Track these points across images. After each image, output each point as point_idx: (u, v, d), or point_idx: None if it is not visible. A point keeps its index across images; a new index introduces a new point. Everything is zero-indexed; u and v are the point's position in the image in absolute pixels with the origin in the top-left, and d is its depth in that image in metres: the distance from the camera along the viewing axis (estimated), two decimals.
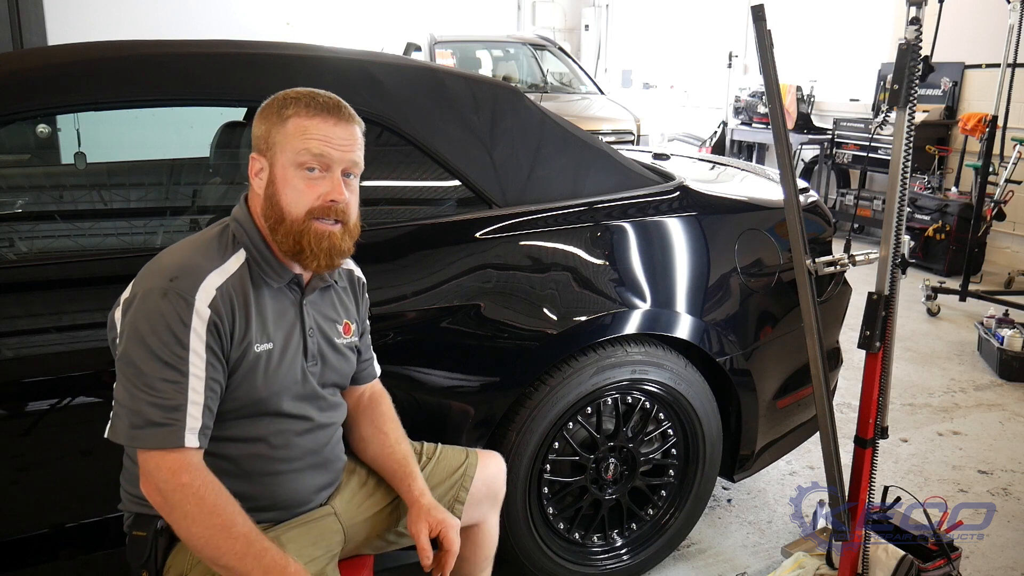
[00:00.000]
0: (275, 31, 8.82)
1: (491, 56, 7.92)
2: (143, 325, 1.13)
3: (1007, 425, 3.16)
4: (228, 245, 1.24)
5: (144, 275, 1.19)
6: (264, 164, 1.23)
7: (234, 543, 1.12)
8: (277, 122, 1.22)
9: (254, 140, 1.24)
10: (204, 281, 1.17)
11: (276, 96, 1.25)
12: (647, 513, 2.08)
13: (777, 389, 2.16)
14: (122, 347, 1.14)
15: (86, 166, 2.03)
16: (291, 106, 1.22)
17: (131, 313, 1.15)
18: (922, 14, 1.54)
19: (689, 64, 9.41)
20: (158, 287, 1.14)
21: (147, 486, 1.15)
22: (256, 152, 1.24)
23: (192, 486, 1.12)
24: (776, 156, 1.73)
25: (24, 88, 1.49)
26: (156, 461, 1.12)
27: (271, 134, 1.22)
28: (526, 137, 1.88)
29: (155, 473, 1.12)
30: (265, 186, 1.23)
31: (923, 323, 4.43)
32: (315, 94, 1.24)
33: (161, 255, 1.22)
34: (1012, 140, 4.78)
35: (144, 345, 1.12)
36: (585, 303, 1.81)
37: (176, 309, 1.13)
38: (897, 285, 1.64)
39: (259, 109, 1.25)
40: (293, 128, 1.21)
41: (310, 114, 1.21)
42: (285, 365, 1.27)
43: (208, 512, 1.12)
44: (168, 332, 1.13)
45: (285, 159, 1.21)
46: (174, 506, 1.12)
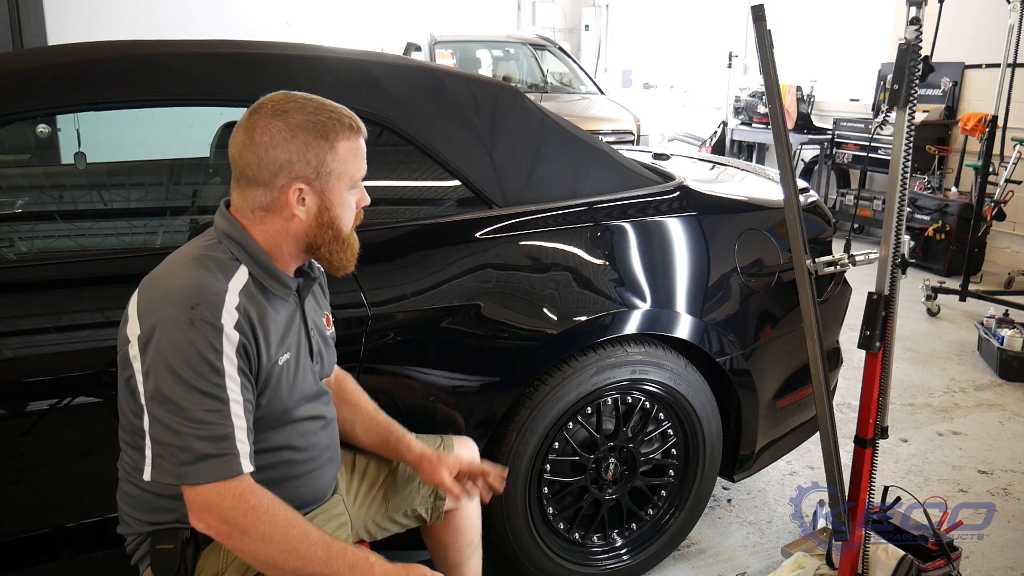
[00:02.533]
0: (275, 31, 8.81)
1: (491, 56, 7.92)
2: (173, 359, 1.07)
3: (1007, 425, 3.16)
4: (227, 262, 1.19)
5: (154, 304, 1.12)
6: (311, 191, 1.19)
7: (316, 549, 1.12)
8: (326, 147, 1.18)
9: (286, 167, 1.16)
10: (225, 303, 1.13)
11: (302, 119, 1.17)
12: (647, 513, 2.08)
13: (777, 389, 2.16)
14: (152, 385, 1.08)
15: (86, 166, 2.03)
16: (331, 128, 1.18)
17: (154, 347, 1.08)
18: (922, 14, 1.54)
19: (689, 64, 9.40)
20: (182, 317, 1.09)
21: (208, 517, 1.10)
22: (299, 180, 1.17)
23: (262, 506, 1.11)
24: (776, 156, 1.73)
25: (24, 88, 1.49)
26: (217, 491, 1.09)
27: (324, 160, 1.18)
28: (526, 137, 1.88)
29: (218, 504, 1.09)
30: (317, 213, 1.20)
31: (923, 323, 4.43)
32: (340, 111, 1.21)
33: (160, 279, 1.16)
34: (1012, 140, 4.78)
35: (179, 379, 1.07)
36: (585, 303, 1.81)
37: (206, 336, 1.09)
38: (897, 285, 1.64)
39: (279, 133, 1.16)
40: (345, 152, 1.20)
41: (351, 134, 1.21)
42: (302, 371, 1.29)
43: (284, 527, 1.11)
44: (202, 361, 1.08)
45: (342, 184, 1.21)
46: (247, 531, 1.10)
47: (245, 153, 1.17)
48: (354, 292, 1.61)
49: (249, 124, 1.18)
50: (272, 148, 1.16)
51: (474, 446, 1.63)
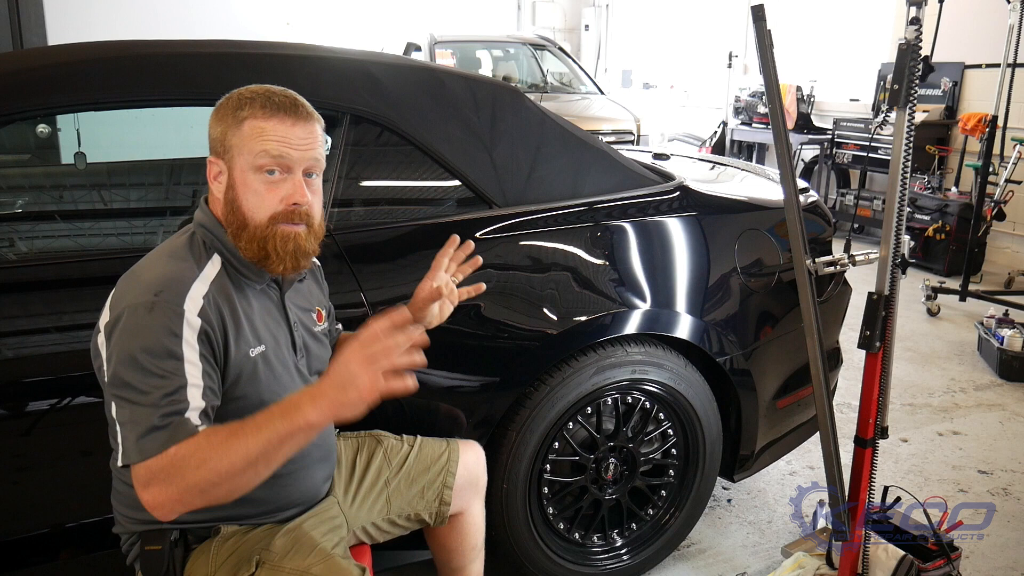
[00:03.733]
0: (275, 31, 8.81)
1: (491, 56, 7.92)
2: (131, 344, 1.07)
3: (1007, 425, 3.16)
4: (200, 252, 1.19)
5: (123, 293, 1.13)
6: (222, 167, 1.19)
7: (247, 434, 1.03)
8: (233, 124, 1.17)
9: (211, 142, 1.19)
10: (190, 291, 1.13)
11: (231, 96, 1.19)
12: (647, 513, 2.08)
13: (777, 389, 2.16)
14: (111, 370, 1.09)
15: (86, 166, 2.03)
16: (246, 106, 1.16)
17: (117, 334, 1.09)
18: (922, 14, 1.54)
19: (689, 64, 9.40)
20: (143, 302, 1.09)
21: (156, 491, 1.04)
22: (213, 155, 1.20)
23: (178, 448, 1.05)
24: (776, 156, 1.73)
25: (24, 88, 1.49)
26: (154, 463, 1.04)
27: (227, 136, 1.17)
28: (526, 137, 1.88)
29: (152, 472, 1.04)
30: (225, 191, 1.19)
31: (923, 323, 4.43)
32: (271, 92, 1.19)
33: (134, 271, 1.17)
34: (1012, 140, 4.78)
35: (136, 364, 1.07)
36: (585, 303, 1.81)
37: (165, 322, 1.09)
38: (897, 285, 1.64)
39: (214, 109, 1.20)
40: (249, 130, 1.16)
41: (266, 114, 1.16)
42: (281, 363, 1.27)
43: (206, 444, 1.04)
44: (160, 346, 1.07)
45: (243, 162, 1.17)
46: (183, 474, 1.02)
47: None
48: (354, 292, 1.61)
49: None
50: (212, 123, 1.20)
51: (480, 450, 1.62)
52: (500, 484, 1.79)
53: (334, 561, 1.26)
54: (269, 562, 1.24)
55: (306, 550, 1.27)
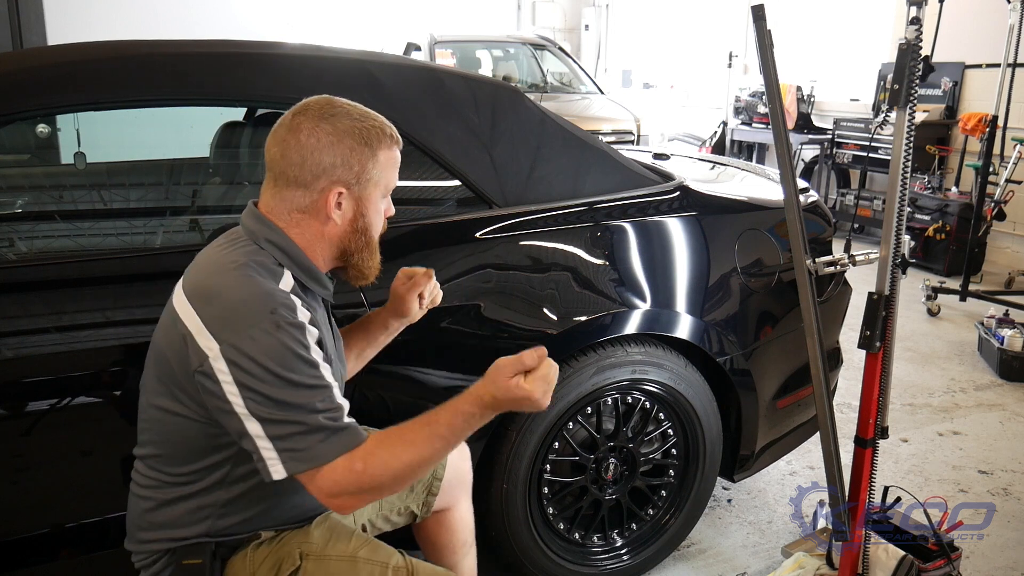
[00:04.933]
0: (275, 31, 8.81)
1: (491, 56, 7.92)
2: (273, 364, 1.07)
3: (1007, 425, 3.16)
4: (274, 268, 1.18)
5: (230, 318, 1.10)
6: (350, 196, 1.20)
7: (421, 440, 1.12)
8: (368, 155, 1.19)
9: (328, 172, 1.17)
10: (295, 303, 1.14)
11: (348, 125, 1.18)
12: (647, 513, 2.07)
13: (777, 389, 2.16)
14: (257, 395, 1.07)
15: (86, 166, 2.03)
16: (375, 136, 1.20)
17: (248, 359, 1.07)
18: (922, 14, 1.54)
19: (689, 64, 9.40)
20: (265, 324, 1.08)
21: (343, 502, 1.11)
22: (340, 184, 1.18)
23: (367, 461, 1.10)
24: (776, 156, 1.73)
25: (24, 88, 1.49)
26: (341, 473, 1.09)
27: (366, 167, 1.19)
28: (526, 137, 1.88)
29: (342, 482, 1.09)
30: (352, 218, 1.22)
31: (923, 323, 4.43)
32: (383, 121, 1.23)
33: (224, 292, 1.13)
34: (1012, 140, 4.78)
35: (285, 382, 1.08)
36: (585, 303, 1.81)
37: (295, 336, 1.10)
38: (897, 285, 1.64)
39: (323, 139, 1.17)
40: (385, 160, 1.22)
41: (391, 144, 1.23)
42: (337, 373, 1.29)
43: (389, 453, 1.11)
44: (299, 360, 1.10)
45: (378, 192, 1.23)
46: (374, 482, 1.10)
47: (289, 153, 1.17)
48: (354, 291, 1.61)
49: (294, 124, 1.18)
50: (318, 150, 1.17)
51: (465, 447, 1.63)
52: (500, 484, 1.79)
53: (375, 543, 1.31)
54: (314, 553, 1.25)
55: (345, 536, 1.30)
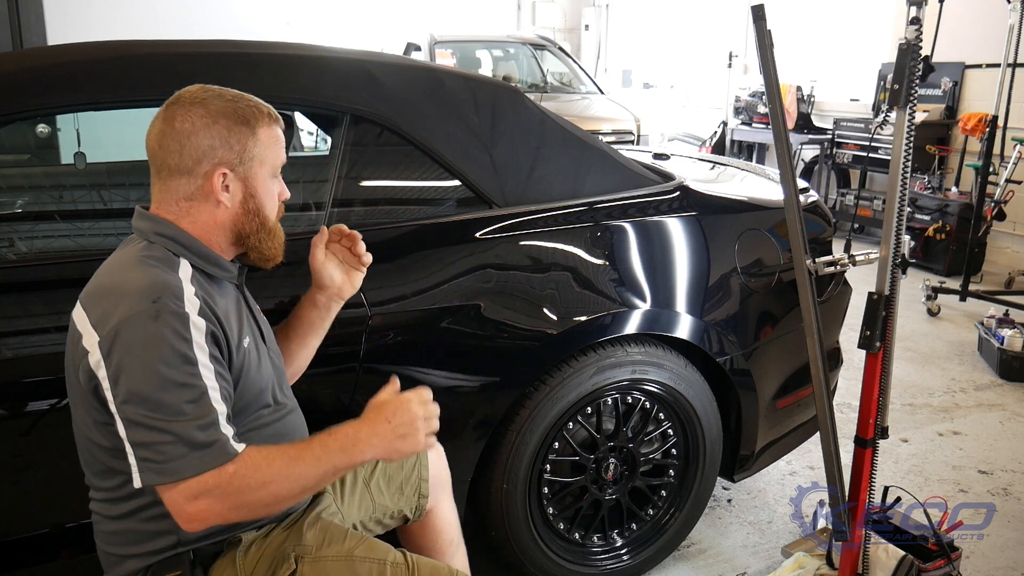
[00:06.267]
0: (275, 31, 8.81)
1: (491, 56, 7.92)
2: (145, 355, 1.03)
3: (1007, 425, 3.16)
4: (168, 257, 1.16)
5: (111, 309, 1.06)
6: (235, 177, 1.18)
7: (306, 460, 1.10)
8: (247, 132, 1.18)
9: (209, 153, 1.15)
10: (184, 293, 1.10)
11: (222, 106, 1.17)
12: (647, 513, 2.07)
13: (777, 389, 2.15)
14: (124, 388, 1.04)
15: (86, 166, 2.03)
16: (251, 115, 1.18)
17: (120, 349, 1.04)
18: (922, 14, 1.54)
19: (689, 64, 9.40)
20: (143, 311, 1.05)
21: (198, 507, 1.04)
22: (223, 166, 1.16)
23: (240, 465, 1.06)
24: (776, 156, 1.73)
25: (24, 88, 1.49)
26: (204, 479, 1.04)
27: (247, 146, 1.18)
28: (526, 137, 1.88)
29: (207, 490, 1.04)
30: (243, 199, 1.20)
31: (923, 323, 4.43)
32: (258, 102, 1.21)
33: (112, 286, 1.11)
34: (1012, 140, 4.78)
35: (154, 374, 1.03)
36: (585, 303, 1.81)
37: (174, 327, 1.06)
38: (897, 285, 1.64)
39: (196, 122, 1.15)
40: (266, 138, 1.20)
41: (270, 122, 1.21)
42: (262, 354, 1.28)
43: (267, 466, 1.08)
44: (174, 353, 1.05)
45: (265, 170, 1.21)
46: (242, 495, 1.06)
47: (165, 141, 1.15)
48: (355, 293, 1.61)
49: (167, 114, 1.16)
50: (194, 134, 1.15)
51: (440, 448, 1.62)
52: (500, 484, 1.80)
53: (371, 540, 1.29)
54: (309, 555, 1.23)
55: (339, 536, 1.28)
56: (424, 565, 1.27)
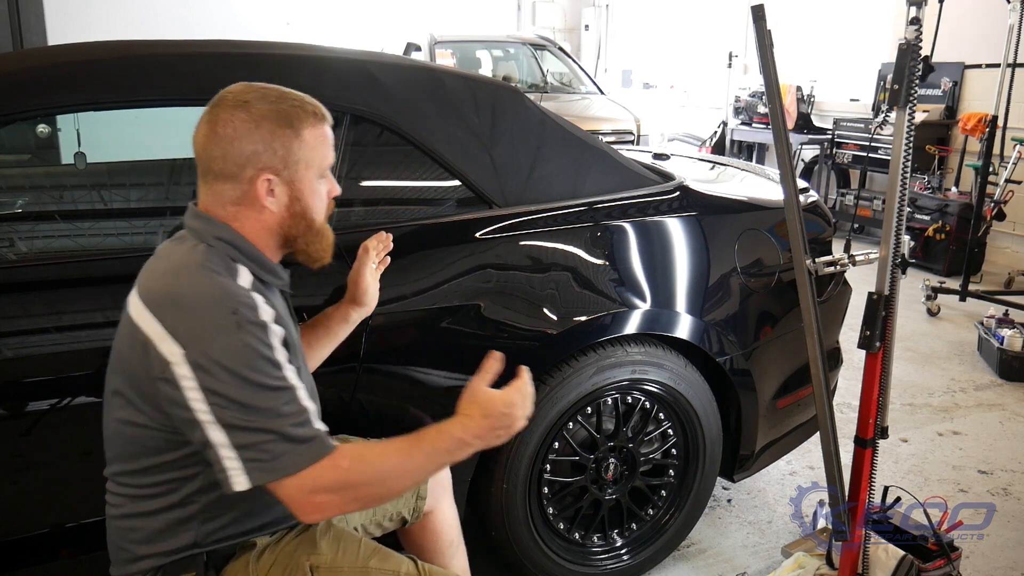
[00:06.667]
0: (275, 31, 8.81)
1: (491, 56, 7.92)
2: (235, 365, 1.04)
3: (1007, 425, 3.16)
4: (228, 264, 1.15)
5: (191, 321, 1.06)
6: (281, 181, 1.16)
7: (415, 457, 1.12)
8: (292, 135, 1.15)
9: (253, 158, 1.13)
10: (256, 301, 1.10)
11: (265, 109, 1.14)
12: (647, 513, 2.08)
13: (777, 389, 2.16)
14: (221, 398, 1.04)
15: (86, 166, 2.03)
16: (295, 116, 1.16)
17: (208, 362, 1.04)
18: (922, 14, 1.54)
19: (689, 64, 9.40)
20: (226, 324, 1.06)
21: (318, 499, 1.07)
22: (267, 171, 1.15)
23: (353, 461, 1.09)
24: (776, 156, 1.73)
25: (24, 88, 1.49)
26: (317, 472, 1.06)
27: (291, 149, 1.15)
28: (526, 137, 1.88)
29: (322, 482, 1.06)
30: (288, 203, 1.18)
31: (923, 323, 4.43)
32: (303, 99, 1.19)
33: (185, 295, 1.09)
34: (1012, 140, 4.78)
35: (247, 383, 1.04)
36: (585, 303, 1.81)
37: (256, 336, 1.07)
38: (897, 285, 1.64)
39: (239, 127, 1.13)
40: (312, 139, 1.17)
41: (316, 121, 1.18)
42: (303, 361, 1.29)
43: (380, 463, 1.11)
44: (262, 360, 1.06)
45: (312, 172, 1.19)
46: (357, 488, 1.09)
47: (209, 147, 1.14)
48: None
49: (211, 117, 1.14)
50: (237, 140, 1.13)
51: None
52: (500, 484, 1.80)
53: (384, 550, 1.29)
54: (324, 565, 1.22)
55: (353, 544, 1.27)
56: (437, 573, 1.27)
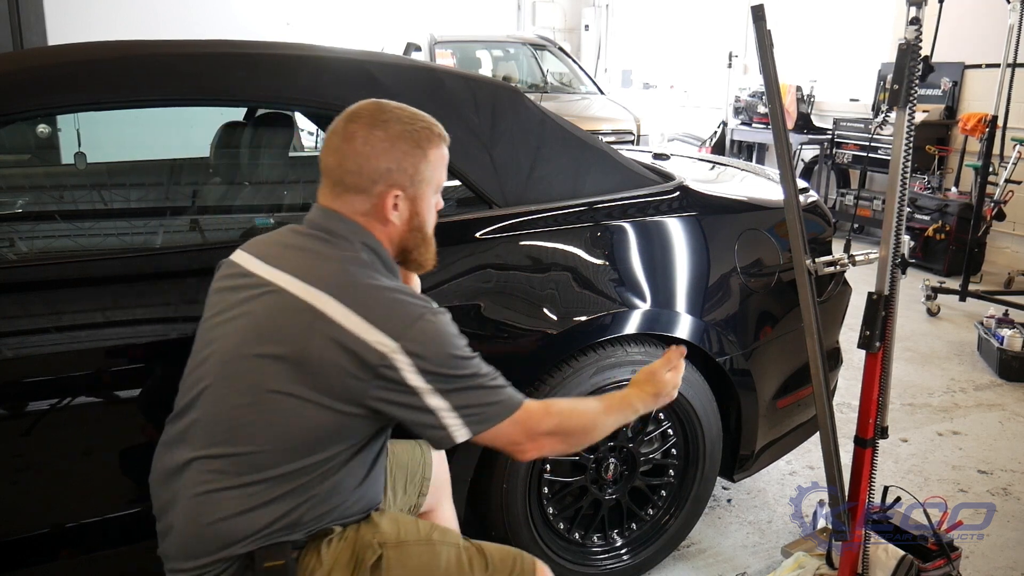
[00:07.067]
0: (275, 31, 8.81)
1: (491, 56, 7.92)
2: (442, 345, 1.18)
3: (1007, 425, 3.16)
4: (380, 271, 1.26)
5: (393, 316, 1.16)
6: (405, 198, 1.26)
7: (608, 412, 1.36)
8: (420, 155, 1.25)
9: (385, 176, 1.23)
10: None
11: (400, 129, 1.24)
12: (647, 513, 2.08)
13: (777, 389, 2.16)
14: (440, 377, 1.17)
15: (86, 166, 2.04)
16: (425, 138, 1.26)
17: (424, 352, 1.16)
18: (922, 14, 1.54)
19: (689, 64, 9.41)
20: (427, 313, 1.19)
21: (541, 437, 1.25)
22: (396, 188, 1.24)
23: (555, 409, 1.29)
24: (776, 156, 1.73)
25: (24, 88, 1.49)
26: (527, 413, 1.24)
27: (419, 169, 1.26)
28: (526, 137, 1.88)
29: (537, 420, 1.25)
30: (408, 218, 1.28)
31: (923, 323, 4.43)
32: (431, 121, 1.29)
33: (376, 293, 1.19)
34: (1012, 140, 4.78)
35: (453, 357, 1.19)
36: (585, 303, 1.81)
37: (446, 319, 1.22)
38: (897, 285, 1.64)
39: (377, 145, 1.22)
40: (435, 159, 1.28)
41: (440, 143, 1.29)
42: None
43: (580, 413, 1.33)
44: (454, 336, 1.21)
45: (431, 189, 1.29)
46: (568, 436, 1.30)
47: (346, 162, 1.23)
48: None
49: (348, 132, 1.23)
50: (374, 157, 1.22)
51: (443, 454, 1.64)
52: (500, 484, 1.80)
53: (440, 526, 1.36)
54: (391, 541, 1.27)
55: (410, 523, 1.33)
56: (488, 546, 1.33)
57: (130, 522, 1.52)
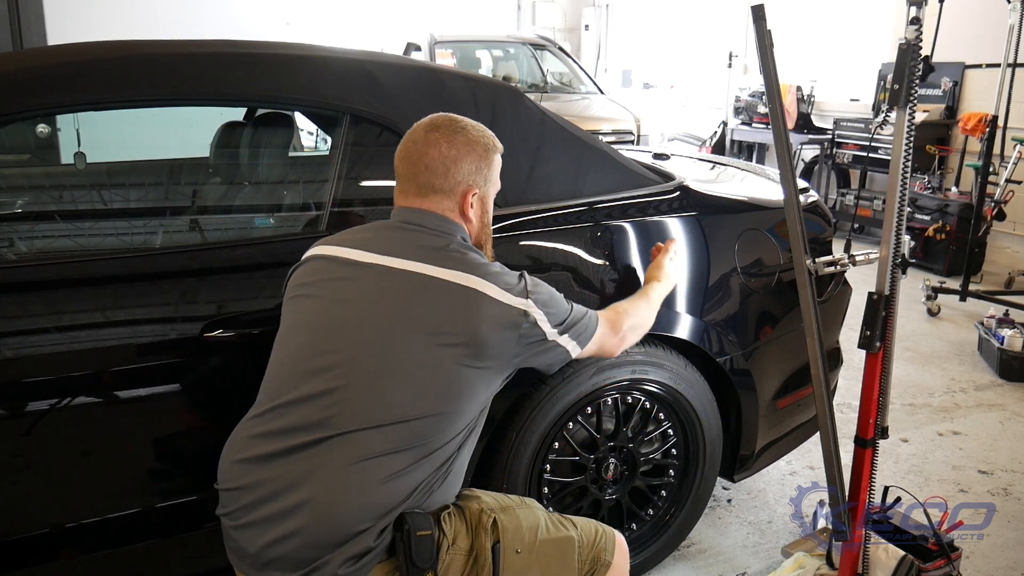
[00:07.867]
0: (275, 31, 8.81)
1: (491, 56, 7.92)
2: (555, 297, 1.44)
3: (1007, 425, 3.16)
4: None
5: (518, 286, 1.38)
6: (478, 198, 1.45)
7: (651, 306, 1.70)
8: (490, 161, 1.45)
9: (466, 178, 1.41)
10: None
11: (475, 136, 1.43)
12: (647, 513, 2.07)
13: (777, 389, 2.16)
14: (560, 320, 1.42)
15: (86, 166, 2.03)
16: (492, 145, 1.46)
17: (548, 305, 1.40)
18: (922, 14, 1.54)
19: (689, 64, 9.41)
20: (530, 282, 1.40)
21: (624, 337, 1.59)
22: (473, 188, 1.43)
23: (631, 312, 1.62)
24: (776, 156, 1.73)
25: (24, 88, 1.49)
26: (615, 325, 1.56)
27: (490, 173, 1.46)
28: (526, 137, 1.88)
29: (618, 327, 1.56)
30: (481, 215, 1.47)
31: (923, 323, 4.43)
32: (492, 134, 1.47)
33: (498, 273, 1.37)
34: (1012, 140, 4.78)
35: (562, 303, 1.45)
36: (585, 303, 1.80)
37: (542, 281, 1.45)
38: (897, 285, 1.64)
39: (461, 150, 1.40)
40: (497, 164, 1.49)
41: (499, 150, 1.48)
42: None
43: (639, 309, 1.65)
44: (555, 290, 1.46)
45: (494, 190, 1.50)
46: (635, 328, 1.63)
47: (434, 165, 1.40)
48: None
49: (431, 139, 1.40)
50: (460, 160, 1.40)
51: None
52: (500, 484, 1.79)
53: (524, 497, 1.48)
54: (497, 508, 1.39)
55: (499, 495, 1.46)
56: (568, 518, 1.45)
57: (130, 522, 1.53)
